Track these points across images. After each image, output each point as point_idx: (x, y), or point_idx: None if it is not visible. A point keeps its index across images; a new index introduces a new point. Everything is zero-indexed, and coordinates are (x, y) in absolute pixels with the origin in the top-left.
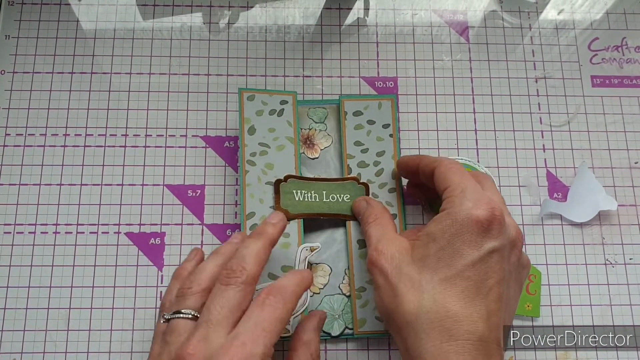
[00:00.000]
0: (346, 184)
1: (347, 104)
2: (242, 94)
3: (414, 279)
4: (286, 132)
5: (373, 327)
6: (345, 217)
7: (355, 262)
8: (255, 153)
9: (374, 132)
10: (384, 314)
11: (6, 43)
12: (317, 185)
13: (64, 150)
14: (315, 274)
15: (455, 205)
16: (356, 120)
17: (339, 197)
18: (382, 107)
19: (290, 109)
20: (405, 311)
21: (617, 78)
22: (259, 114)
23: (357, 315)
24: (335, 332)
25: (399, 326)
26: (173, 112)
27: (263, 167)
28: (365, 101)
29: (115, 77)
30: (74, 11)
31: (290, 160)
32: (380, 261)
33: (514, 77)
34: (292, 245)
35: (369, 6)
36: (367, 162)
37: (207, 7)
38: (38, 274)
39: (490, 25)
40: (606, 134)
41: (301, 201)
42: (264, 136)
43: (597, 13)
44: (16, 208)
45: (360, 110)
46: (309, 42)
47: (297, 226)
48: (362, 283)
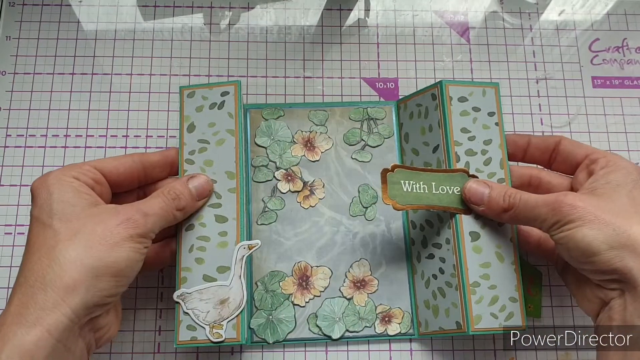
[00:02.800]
0: (455, 176)
1: (452, 89)
2: (182, 92)
3: (624, 212)
4: (227, 124)
5: (488, 324)
6: (455, 211)
7: (468, 255)
8: (194, 151)
9: (480, 119)
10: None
11: (7, 44)
12: (425, 176)
13: (65, 151)
14: (316, 276)
15: (618, 161)
16: (462, 107)
17: (449, 189)
18: (487, 94)
19: (232, 99)
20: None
21: (617, 79)
22: (198, 110)
23: (473, 312)
24: (336, 335)
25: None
26: (174, 113)
27: (202, 165)
28: (470, 87)
29: (116, 78)
30: (74, 12)
31: (230, 153)
32: (579, 202)
33: (514, 78)
34: (230, 244)
35: (370, 7)
36: (474, 150)
37: (208, 8)
38: None
39: (490, 26)
40: (607, 135)
41: (409, 192)
42: (203, 132)
43: (598, 14)
44: (17, 209)
45: (465, 97)
46: (310, 43)
47: (236, 224)
48: (476, 278)
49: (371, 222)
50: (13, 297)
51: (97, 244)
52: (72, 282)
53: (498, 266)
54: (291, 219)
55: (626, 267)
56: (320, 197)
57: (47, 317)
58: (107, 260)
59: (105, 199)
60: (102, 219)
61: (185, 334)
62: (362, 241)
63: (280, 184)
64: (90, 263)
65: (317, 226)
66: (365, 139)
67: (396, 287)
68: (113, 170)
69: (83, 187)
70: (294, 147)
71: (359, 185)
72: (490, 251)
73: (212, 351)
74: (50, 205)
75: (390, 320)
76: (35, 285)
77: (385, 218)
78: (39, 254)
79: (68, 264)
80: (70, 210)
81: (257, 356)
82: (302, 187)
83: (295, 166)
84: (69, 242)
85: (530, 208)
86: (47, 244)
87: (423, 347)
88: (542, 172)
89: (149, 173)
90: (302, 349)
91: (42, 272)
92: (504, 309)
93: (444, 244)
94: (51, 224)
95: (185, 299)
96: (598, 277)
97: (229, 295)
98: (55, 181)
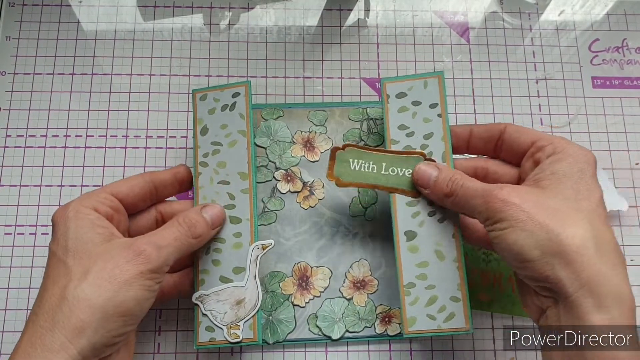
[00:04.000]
0: (410, 158)
1: (390, 87)
2: (194, 95)
3: (563, 209)
4: (238, 125)
5: (424, 326)
6: (402, 192)
7: (403, 255)
8: (207, 153)
9: (420, 113)
10: (528, 249)
11: (7, 44)
12: (377, 157)
13: (65, 151)
14: (315, 277)
15: (567, 147)
16: (400, 103)
17: (399, 171)
18: (428, 85)
19: (243, 100)
20: (570, 236)
21: (617, 79)
22: (211, 113)
23: (407, 314)
24: (336, 335)
25: (562, 252)
26: (174, 114)
27: (215, 167)
28: (410, 81)
29: (116, 78)
30: (74, 12)
31: (242, 154)
32: (513, 198)
33: (514, 78)
34: (244, 245)
35: (370, 7)
36: (413, 147)
37: (208, 9)
38: (39, 275)
39: (490, 26)
40: (607, 135)
41: (356, 170)
42: (216, 134)
43: (598, 14)
44: (17, 209)
45: (404, 92)
46: (310, 43)
47: (249, 224)
48: (412, 279)
49: (371, 222)
50: (24, 334)
51: (107, 282)
52: (80, 324)
53: (437, 265)
54: (291, 219)
55: (557, 276)
56: (320, 197)
57: (53, 359)
58: (116, 299)
59: (122, 227)
60: (113, 255)
61: (204, 335)
62: (361, 241)
63: (280, 185)
64: (99, 303)
65: (316, 226)
66: (364, 139)
67: (396, 288)
68: (129, 193)
69: (100, 220)
70: (294, 148)
71: None
72: (429, 250)
73: (212, 352)
74: (66, 240)
75: (391, 321)
76: (44, 326)
77: (385, 218)
78: (51, 291)
79: (77, 305)
80: (84, 248)
81: (257, 356)
82: (302, 187)
83: (294, 166)
84: (79, 282)
85: (468, 197)
86: (60, 281)
87: (423, 347)
88: (488, 162)
89: (160, 192)
90: (302, 349)
91: (52, 312)
92: (443, 309)
93: None
94: (65, 261)
95: (203, 300)
96: (533, 283)
97: (245, 296)
98: (74, 214)
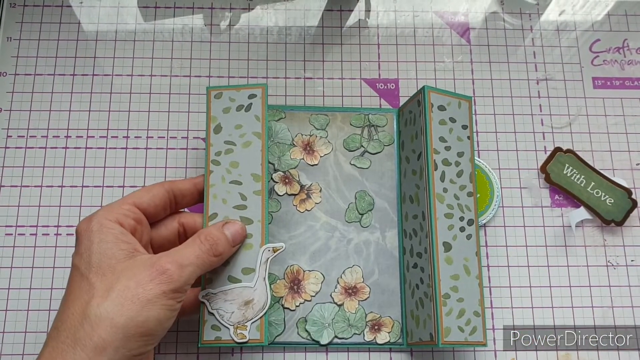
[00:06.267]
0: (616, 190)
1: (433, 96)
2: (209, 92)
3: None
4: (253, 127)
5: (455, 337)
6: (597, 215)
7: (441, 266)
8: (220, 152)
9: (455, 130)
10: None
11: (8, 45)
12: (590, 174)
13: (65, 152)
14: (307, 280)
15: None
16: (440, 115)
17: (603, 195)
18: (462, 107)
19: (259, 102)
20: None
21: (618, 79)
22: (225, 112)
23: (444, 324)
24: (324, 340)
25: None
26: (174, 114)
27: (227, 166)
28: (448, 97)
29: (117, 79)
30: (75, 13)
31: (256, 156)
32: None
33: (515, 79)
34: (255, 246)
35: (370, 8)
36: (449, 161)
37: (208, 9)
38: (39, 276)
39: (491, 26)
40: (607, 136)
41: (567, 176)
42: (230, 134)
43: (598, 14)
44: (17, 210)
45: (444, 106)
46: (310, 43)
47: (261, 226)
48: (447, 290)
49: (366, 229)
50: (44, 349)
51: (129, 301)
52: (102, 343)
53: (465, 279)
54: (286, 221)
55: None
56: (317, 201)
57: None
58: (138, 319)
59: (145, 239)
60: (136, 272)
61: (209, 333)
62: (356, 248)
63: (278, 186)
64: (121, 322)
65: (311, 230)
66: (365, 145)
67: (387, 296)
68: (151, 204)
69: (123, 235)
70: (293, 150)
71: (356, 191)
72: (459, 263)
73: (213, 352)
74: (89, 256)
75: (380, 329)
76: (65, 342)
77: (381, 226)
78: (73, 308)
79: (99, 323)
80: (107, 264)
81: (257, 357)
82: (299, 190)
83: (293, 169)
84: (102, 299)
85: None
86: (82, 297)
87: (422, 347)
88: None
89: (179, 202)
90: (302, 350)
91: (74, 329)
92: (469, 322)
93: (424, 253)
94: (88, 277)
95: (210, 298)
96: None
97: (254, 297)
98: (98, 227)
